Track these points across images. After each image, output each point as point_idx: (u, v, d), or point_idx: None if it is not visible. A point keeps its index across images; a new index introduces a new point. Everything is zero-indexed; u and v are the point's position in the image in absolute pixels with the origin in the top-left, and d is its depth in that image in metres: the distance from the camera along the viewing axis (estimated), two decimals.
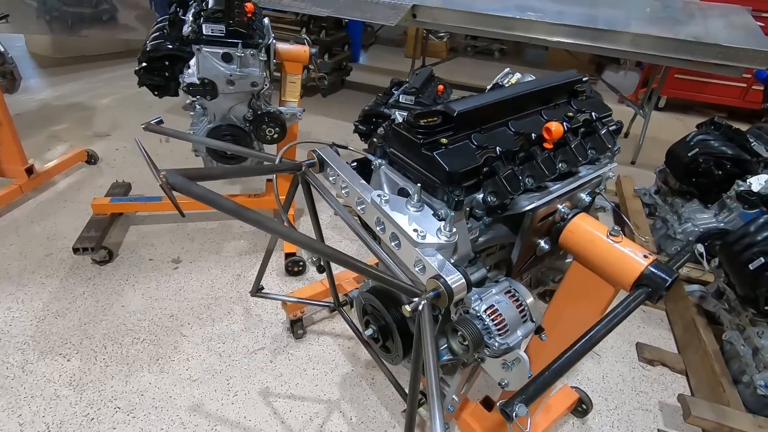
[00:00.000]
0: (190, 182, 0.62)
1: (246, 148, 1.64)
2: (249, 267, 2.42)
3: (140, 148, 0.71)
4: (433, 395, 0.67)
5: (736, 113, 5.43)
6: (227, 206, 0.63)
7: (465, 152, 0.90)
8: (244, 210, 0.65)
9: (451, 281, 0.78)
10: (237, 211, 0.64)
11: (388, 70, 6.12)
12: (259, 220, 0.66)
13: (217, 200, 0.62)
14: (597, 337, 0.79)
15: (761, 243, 1.67)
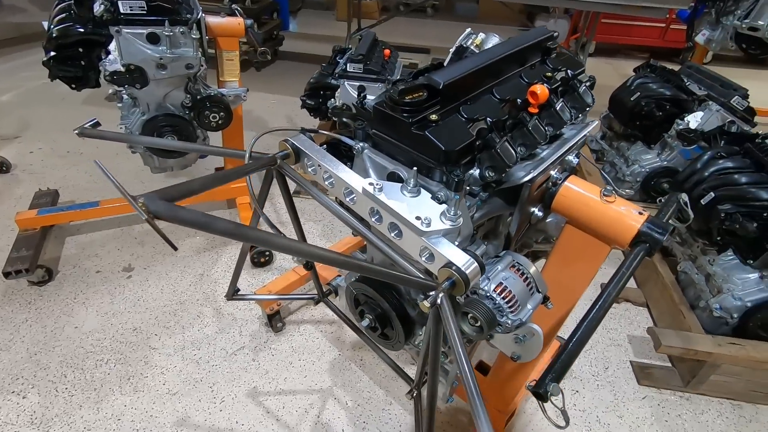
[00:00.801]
0: (175, 207, 0.51)
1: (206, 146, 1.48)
2: (211, 265, 2.27)
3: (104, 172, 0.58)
4: (473, 393, 0.64)
5: (658, 53, 5.73)
6: (225, 229, 0.54)
7: (457, 127, 0.84)
8: (245, 230, 0.56)
9: (465, 267, 0.74)
10: (237, 233, 0.55)
11: (321, 36, 5.83)
12: (267, 239, 0.58)
13: (211, 224, 0.53)
14: (610, 300, 0.80)
15: (709, 179, 1.78)
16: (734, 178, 1.72)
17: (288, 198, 1.15)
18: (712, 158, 1.81)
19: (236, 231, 0.56)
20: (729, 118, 2.25)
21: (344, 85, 2.47)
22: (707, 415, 1.74)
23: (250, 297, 1.66)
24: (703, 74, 2.52)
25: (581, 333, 0.75)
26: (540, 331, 0.86)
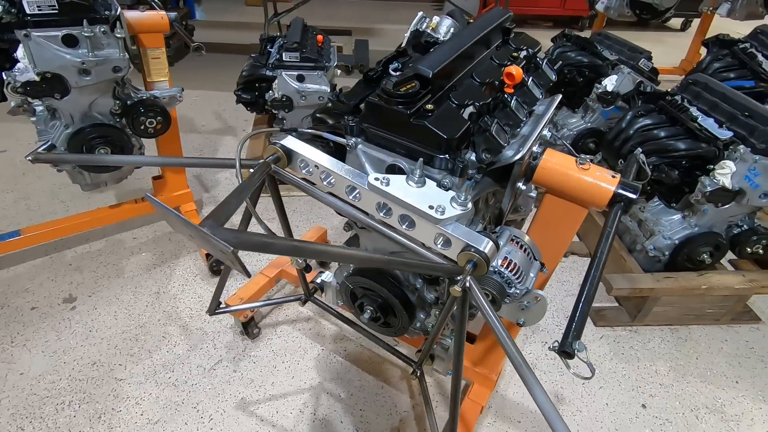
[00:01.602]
0: (241, 234, 0.48)
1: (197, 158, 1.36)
2: (165, 281, 2.13)
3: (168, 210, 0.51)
4: (521, 366, 0.68)
5: (559, 21, 6.16)
6: (287, 247, 0.52)
7: (451, 114, 0.87)
8: (305, 245, 0.54)
9: (483, 248, 0.78)
10: (300, 249, 0.53)
11: (233, 23, 5.51)
12: (325, 250, 0.56)
13: (273, 245, 0.50)
14: (604, 257, 0.89)
15: (634, 136, 1.99)
16: (655, 133, 1.94)
17: (279, 201, 1.11)
18: (634, 117, 2.02)
19: (298, 247, 0.54)
20: (638, 79, 2.51)
21: (282, 76, 2.38)
22: (653, 342, 2.00)
23: (234, 308, 1.58)
24: (612, 40, 2.77)
25: (587, 292, 0.83)
26: (544, 296, 0.93)
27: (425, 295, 1.14)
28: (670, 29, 6.35)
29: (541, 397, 0.65)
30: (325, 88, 2.42)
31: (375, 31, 5.55)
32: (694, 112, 1.91)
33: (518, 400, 1.74)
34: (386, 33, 5.55)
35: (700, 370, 1.89)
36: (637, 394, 1.78)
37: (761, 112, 1.76)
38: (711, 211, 1.87)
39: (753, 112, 1.77)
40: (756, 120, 1.75)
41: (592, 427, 1.67)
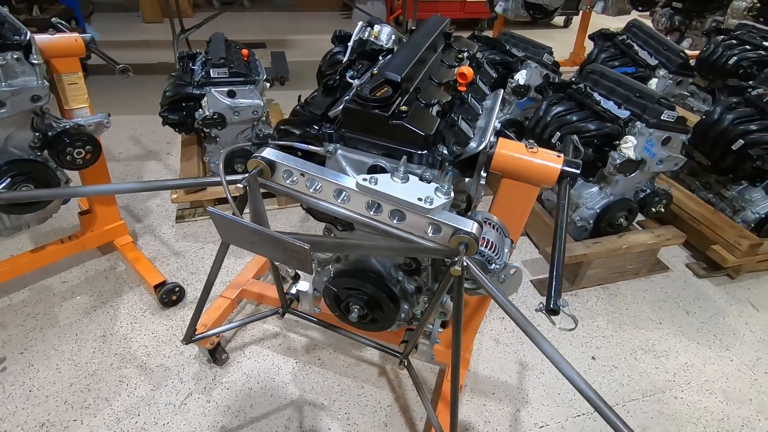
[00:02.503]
0: (302, 234, 0.50)
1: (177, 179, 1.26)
2: (110, 322, 1.97)
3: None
4: (527, 326, 0.78)
5: (460, 23, 6.59)
6: (336, 244, 0.54)
7: (423, 113, 0.94)
8: (349, 239, 0.57)
9: (471, 229, 0.87)
10: (344, 244, 0.56)
11: (132, 42, 5.16)
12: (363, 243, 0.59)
13: (325, 242, 0.52)
14: (564, 225, 1.02)
15: (552, 123, 2.23)
16: (568, 118, 2.20)
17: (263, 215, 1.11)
18: (549, 105, 2.27)
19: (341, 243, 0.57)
20: (544, 71, 2.81)
21: (211, 93, 2.32)
22: (591, 302, 2.25)
23: (214, 332, 1.52)
24: (517, 39, 3.06)
25: (558, 257, 0.96)
26: (519, 267, 1.04)
27: (406, 287, 1.21)
28: (555, 26, 7.08)
29: (548, 349, 0.76)
30: (258, 102, 2.40)
31: (289, 42, 5.53)
32: (597, 97, 2.20)
33: (489, 374, 1.87)
34: (300, 44, 5.55)
35: (631, 318, 2.18)
36: (587, 349, 2.01)
37: (649, 93, 2.07)
38: (621, 181, 2.17)
39: (643, 93, 2.09)
40: (646, 99, 2.07)
41: (554, 385, 1.85)
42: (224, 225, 0.63)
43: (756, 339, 2.12)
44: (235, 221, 0.61)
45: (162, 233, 2.47)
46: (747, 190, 2.41)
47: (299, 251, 0.56)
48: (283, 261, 0.69)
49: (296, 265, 0.60)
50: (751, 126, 2.25)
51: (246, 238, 0.65)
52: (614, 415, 0.71)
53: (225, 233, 0.73)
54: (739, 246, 2.26)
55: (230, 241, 0.75)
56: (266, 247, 0.62)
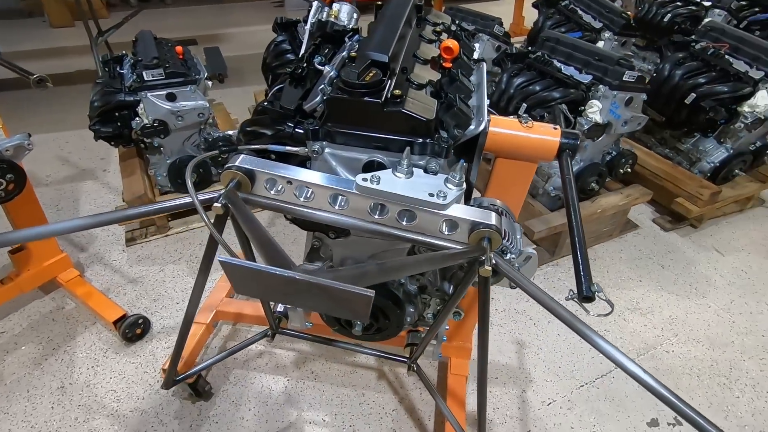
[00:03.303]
0: (344, 272, 0.38)
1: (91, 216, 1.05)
2: (66, 370, 1.73)
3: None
4: (574, 324, 0.70)
5: None
6: (378, 271, 0.42)
7: (419, 96, 0.83)
8: (390, 264, 0.45)
9: (492, 221, 0.77)
10: (388, 269, 0.44)
11: (40, 51, 4.62)
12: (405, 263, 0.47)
13: (369, 271, 0.40)
14: (576, 201, 0.95)
15: (516, 94, 2.19)
16: (531, 88, 2.16)
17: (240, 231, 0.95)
18: (510, 77, 2.22)
19: (384, 268, 0.45)
20: (497, 43, 2.76)
21: (148, 99, 2.08)
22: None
23: (195, 370, 1.35)
24: (465, 12, 2.99)
25: (578, 237, 0.89)
26: (534, 252, 0.97)
27: (409, 288, 1.11)
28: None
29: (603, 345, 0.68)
30: (202, 103, 2.17)
31: (220, 36, 5.17)
32: (557, 64, 2.17)
33: (489, 359, 1.82)
34: (232, 37, 5.21)
35: (613, 280, 2.21)
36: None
37: (608, 55, 2.07)
38: (590, 146, 2.17)
39: (602, 56, 2.08)
40: (605, 62, 2.06)
41: (553, 358, 1.84)
42: (243, 276, 0.47)
43: (726, 283, 2.22)
44: (262, 270, 0.46)
45: (112, 260, 2.21)
46: (701, 142, 2.50)
47: (361, 298, 0.44)
48: (327, 311, 0.58)
49: (347, 314, 0.49)
50: (700, 79, 2.32)
51: (274, 288, 0.49)
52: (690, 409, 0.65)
53: (242, 285, 0.55)
54: (700, 196, 2.34)
55: (248, 294, 0.58)
56: (305, 297, 0.48)
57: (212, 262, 0.91)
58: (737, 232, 2.53)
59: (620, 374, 1.79)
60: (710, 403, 1.70)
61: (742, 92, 2.22)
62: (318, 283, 0.44)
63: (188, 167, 0.80)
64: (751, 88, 2.23)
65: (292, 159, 0.93)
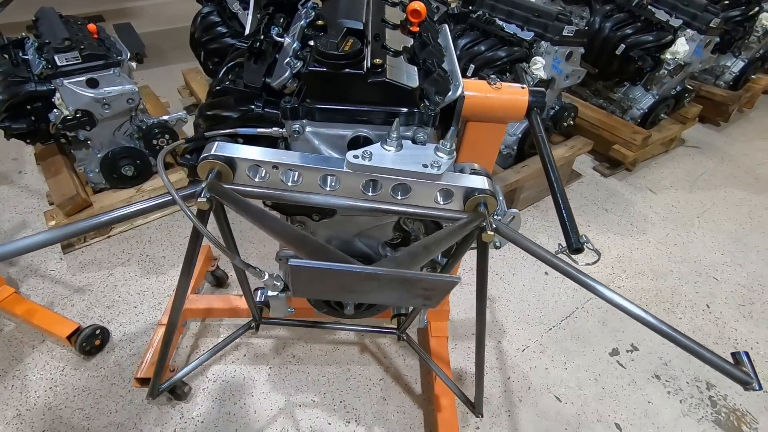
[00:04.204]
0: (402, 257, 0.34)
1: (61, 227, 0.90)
2: (21, 396, 1.58)
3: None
4: (571, 271, 0.73)
5: None
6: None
7: (398, 64, 0.80)
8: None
9: (486, 186, 0.78)
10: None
11: None
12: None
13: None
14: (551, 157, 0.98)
15: (462, 56, 2.18)
16: (476, 49, 2.17)
17: (226, 223, 0.88)
18: (455, 39, 2.21)
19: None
20: (435, 4, 2.72)
21: (65, 87, 1.85)
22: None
23: (180, 375, 1.27)
24: None
25: (559, 191, 0.92)
26: (517, 212, 0.99)
27: None
28: None
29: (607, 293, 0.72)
30: (130, 87, 1.97)
31: (128, 11, 4.66)
32: (499, 22, 2.18)
33: (463, 318, 1.90)
34: (142, 12, 4.71)
35: None
36: (539, 267, 2.13)
37: (547, 11, 2.11)
38: None
39: (541, 12, 2.12)
40: (545, 18, 2.10)
41: (521, 307, 1.95)
42: (313, 277, 0.43)
43: (660, 218, 2.44)
44: (334, 269, 0.42)
45: (50, 271, 2.00)
46: (630, 90, 2.67)
47: (447, 285, 0.42)
48: (399, 303, 0.56)
49: (420, 304, 0.47)
50: (628, 30, 2.45)
51: (344, 286, 0.45)
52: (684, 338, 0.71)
53: (307, 286, 0.52)
54: (634, 142, 2.52)
55: (308, 295, 0.53)
56: (379, 291, 0.45)
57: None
58: (665, 172, 2.78)
59: (581, 314, 1.94)
60: None
61: (665, 41, 2.38)
62: (403, 276, 0.42)
63: (159, 158, 0.72)
64: (672, 36, 2.39)
65: (261, 142, 0.87)
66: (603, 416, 1.60)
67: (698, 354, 0.72)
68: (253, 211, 0.67)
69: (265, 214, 0.68)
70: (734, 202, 2.56)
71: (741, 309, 1.99)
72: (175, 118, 2.19)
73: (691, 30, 2.39)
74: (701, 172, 2.79)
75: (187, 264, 0.81)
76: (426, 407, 1.60)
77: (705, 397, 1.67)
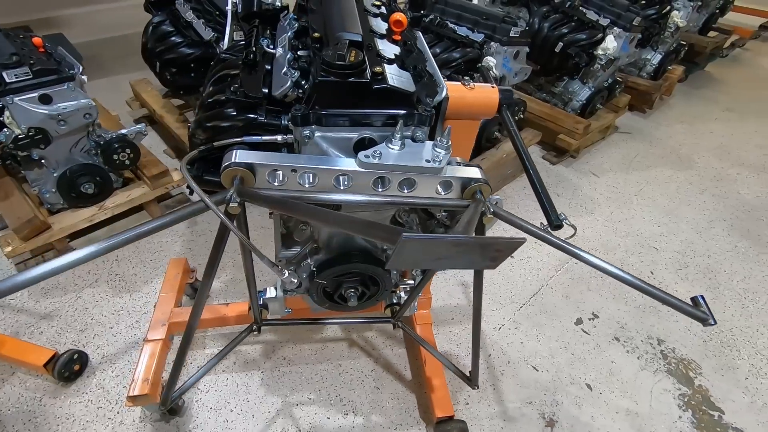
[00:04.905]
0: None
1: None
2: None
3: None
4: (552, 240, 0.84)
5: None
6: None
7: (393, 71, 0.88)
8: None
9: (480, 175, 0.88)
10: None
11: None
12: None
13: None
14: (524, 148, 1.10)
15: None
16: (432, 51, 2.29)
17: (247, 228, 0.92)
18: None
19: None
20: None
21: (16, 104, 1.77)
22: None
23: (192, 381, 1.27)
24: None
25: (535, 177, 1.04)
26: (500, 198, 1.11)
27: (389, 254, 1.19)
28: None
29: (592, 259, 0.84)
30: (86, 102, 1.90)
31: (57, 20, 4.37)
32: (450, 25, 2.32)
33: (442, 304, 2.02)
34: (74, 20, 4.44)
35: (523, 213, 2.54)
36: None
37: (494, 13, 2.28)
38: None
39: (489, 15, 2.28)
40: (493, 20, 2.27)
41: (493, 290, 2.09)
42: (418, 248, 0.61)
43: (605, 198, 2.70)
44: (437, 239, 0.61)
45: (10, 300, 1.89)
46: (569, 84, 2.92)
47: (514, 245, 0.52)
48: (472, 266, 0.65)
49: (486, 265, 0.56)
50: (564, 29, 2.68)
51: (436, 254, 0.64)
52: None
53: (408, 258, 0.67)
54: (577, 131, 2.76)
55: (406, 266, 0.84)
56: (456, 257, 0.64)
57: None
58: (604, 156, 3.06)
59: (547, 290, 2.12)
60: (613, 295, 2.11)
61: (596, 38, 2.63)
62: (485, 241, 0.51)
63: (182, 167, 0.75)
64: (602, 34, 2.65)
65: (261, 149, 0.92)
66: (575, 379, 1.77)
67: (668, 302, 0.86)
68: (283, 203, 0.73)
69: (296, 203, 0.75)
70: (664, 180, 2.88)
71: (678, 272, 2.26)
72: (135, 131, 2.13)
73: (618, 28, 2.66)
74: (634, 155, 3.10)
75: (209, 268, 0.85)
76: (418, 391, 1.69)
77: (657, 351, 1.89)
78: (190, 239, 2.24)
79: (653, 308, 2.05)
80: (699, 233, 2.50)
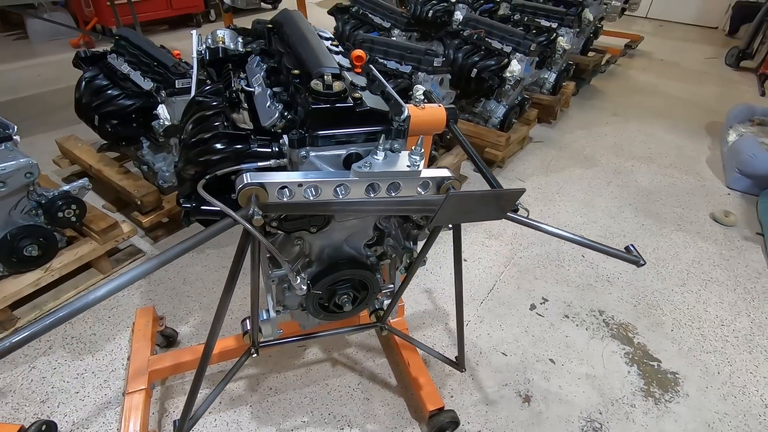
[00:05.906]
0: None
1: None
2: None
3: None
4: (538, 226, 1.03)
5: (172, 22, 6.11)
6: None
7: (366, 95, 1.03)
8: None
9: (451, 174, 1.05)
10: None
11: None
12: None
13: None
14: (476, 153, 1.31)
15: None
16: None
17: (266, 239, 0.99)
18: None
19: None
20: None
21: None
22: None
23: (202, 410, 1.25)
24: None
25: (489, 176, 1.24)
26: None
27: (373, 259, 1.32)
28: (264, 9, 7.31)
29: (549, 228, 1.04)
30: (27, 161, 1.85)
31: None
32: (380, 60, 2.57)
33: (412, 312, 2.15)
34: None
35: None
36: None
37: (416, 48, 2.56)
38: None
39: (413, 49, 2.56)
40: (416, 54, 2.55)
41: None
42: (458, 203, 0.87)
43: (533, 199, 3.05)
44: (471, 194, 0.86)
45: None
46: (487, 104, 3.30)
47: (516, 194, 0.70)
48: (486, 216, 0.84)
49: (497, 215, 0.71)
50: (475, 57, 3.06)
51: (468, 208, 0.92)
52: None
53: (449, 214, 0.94)
54: (500, 143, 3.12)
55: (446, 222, 1.06)
56: (479, 210, 0.92)
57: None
58: (525, 163, 3.45)
59: (500, 284, 2.34)
60: (556, 280, 2.39)
61: (503, 63, 3.03)
62: (499, 193, 0.66)
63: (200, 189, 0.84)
64: (507, 59, 3.06)
65: None
66: (539, 357, 1.98)
67: (610, 252, 1.08)
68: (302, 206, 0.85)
69: (314, 202, 0.90)
70: (577, 177, 3.31)
71: None
72: (78, 186, 2.08)
73: (519, 53, 3.09)
74: (550, 159, 3.53)
75: (229, 282, 0.91)
76: (405, 394, 1.79)
77: (600, 321, 2.17)
78: (148, 289, 2.18)
79: (590, 286, 2.36)
80: (613, 218, 2.90)
